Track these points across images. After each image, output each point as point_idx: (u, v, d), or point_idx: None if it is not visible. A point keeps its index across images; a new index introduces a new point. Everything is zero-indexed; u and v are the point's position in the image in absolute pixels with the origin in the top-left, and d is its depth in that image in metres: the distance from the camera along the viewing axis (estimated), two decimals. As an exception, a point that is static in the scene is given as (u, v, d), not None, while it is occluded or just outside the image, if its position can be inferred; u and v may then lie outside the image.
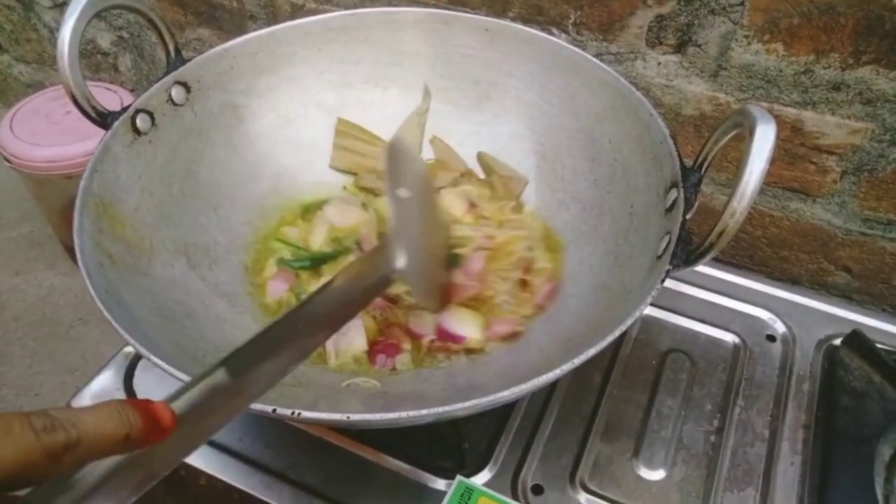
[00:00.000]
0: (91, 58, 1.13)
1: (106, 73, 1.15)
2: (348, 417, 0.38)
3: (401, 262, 0.40)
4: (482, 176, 0.68)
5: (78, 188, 0.49)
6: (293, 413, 0.37)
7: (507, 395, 0.39)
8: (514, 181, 0.66)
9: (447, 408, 0.38)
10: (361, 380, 0.53)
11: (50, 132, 1.05)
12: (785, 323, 0.66)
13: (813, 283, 0.76)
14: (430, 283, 0.48)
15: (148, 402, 0.27)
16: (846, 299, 0.74)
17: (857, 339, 0.61)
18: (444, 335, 0.56)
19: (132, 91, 1.13)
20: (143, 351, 0.40)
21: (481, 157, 0.68)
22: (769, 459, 0.56)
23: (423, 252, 0.44)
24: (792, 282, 0.76)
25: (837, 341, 0.64)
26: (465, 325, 0.56)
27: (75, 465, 0.24)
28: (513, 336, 0.56)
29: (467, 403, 0.38)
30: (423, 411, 0.38)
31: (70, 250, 1.21)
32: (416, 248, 0.42)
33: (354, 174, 0.69)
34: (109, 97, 1.07)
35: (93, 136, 1.01)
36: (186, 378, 0.39)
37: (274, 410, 0.37)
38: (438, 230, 0.56)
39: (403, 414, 0.38)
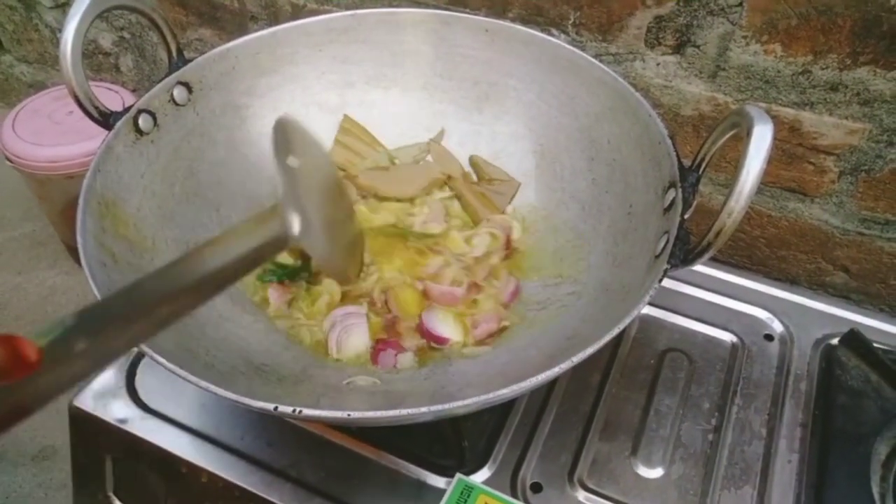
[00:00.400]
0: (92, 58, 1.13)
1: (107, 73, 1.15)
2: (349, 415, 0.38)
3: (295, 227, 0.39)
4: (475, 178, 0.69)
5: (79, 188, 0.50)
6: (295, 410, 0.38)
7: (506, 392, 0.39)
8: (504, 184, 0.66)
9: (447, 405, 0.38)
10: (362, 378, 0.54)
11: (52, 132, 1.05)
12: (783, 322, 0.66)
13: (811, 283, 0.76)
14: (335, 253, 0.47)
15: (11, 336, 0.26)
16: (844, 299, 0.75)
17: (855, 339, 0.62)
18: (429, 336, 0.56)
19: (133, 91, 1.13)
20: (146, 349, 0.41)
21: (473, 161, 0.68)
22: (766, 458, 0.56)
23: (323, 221, 0.43)
24: (790, 281, 0.76)
25: (835, 341, 0.64)
26: (446, 326, 0.57)
27: None
28: (500, 332, 0.57)
29: (467, 401, 0.38)
30: (424, 409, 0.38)
31: (72, 250, 1.22)
32: (314, 216, 0.41)
33: (348, 173, 0.69)
34: (111, 97, 1.08)
35: (94, 137, 1.01)
36: (188, 376, 0.40)
37: (276, 408, 0.38)
38: (341, 206, 0.54)
39: (404, 411, 0.38)
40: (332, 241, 0.44)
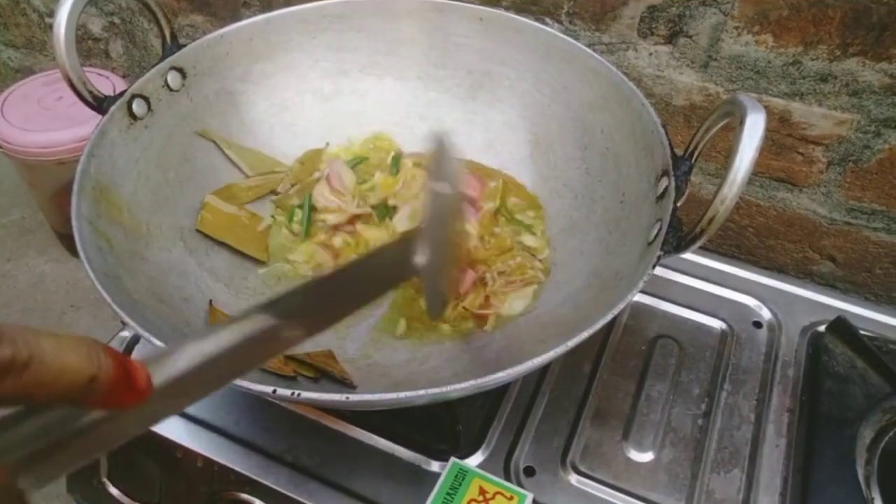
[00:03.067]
0: (82, 43, 1.12)
1: (97, 58, 1.14)
2: (347, 398, 0.39)
3: (422, 259, 0.40)
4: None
5: (70, 174, 0.50)
6: (293, 393, 0.38)
7: (501, 376, 0.40)
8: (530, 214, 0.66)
9: (442, 389, 0.39)
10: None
11: (42, 117, 1.04)
12: (771, 310, 0.67)
13: (798, 272, 0.77)
14: (440, 287, 0.47)
15: (125, 356, 0.23)
16: (831, 287, 0.76)
17: (841, 326, 0.63)
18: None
19: (124, 77, 1.12)
20: (144, 333, 0.41)
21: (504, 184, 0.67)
22: (755, 442, 0.57)
23: (443, 255, 0.44)
24: (778, 270, 0.77)
25: (822, 328, 0.65)
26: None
27: (17, 394, 0.19)
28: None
29: (462, 385, 0.39)
30: (420, 392, 0.39)
31: (61, 237, 1.21)
32: (438, 249, 0.42)
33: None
34: (102, 82, 1.07)
35: (85, 122, 1.01)
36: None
37: (274, 391, 0.38)
38: (458, 238, 0.56)
39: (401, 394, 0.39)
40: (442, 276, 0.45)
